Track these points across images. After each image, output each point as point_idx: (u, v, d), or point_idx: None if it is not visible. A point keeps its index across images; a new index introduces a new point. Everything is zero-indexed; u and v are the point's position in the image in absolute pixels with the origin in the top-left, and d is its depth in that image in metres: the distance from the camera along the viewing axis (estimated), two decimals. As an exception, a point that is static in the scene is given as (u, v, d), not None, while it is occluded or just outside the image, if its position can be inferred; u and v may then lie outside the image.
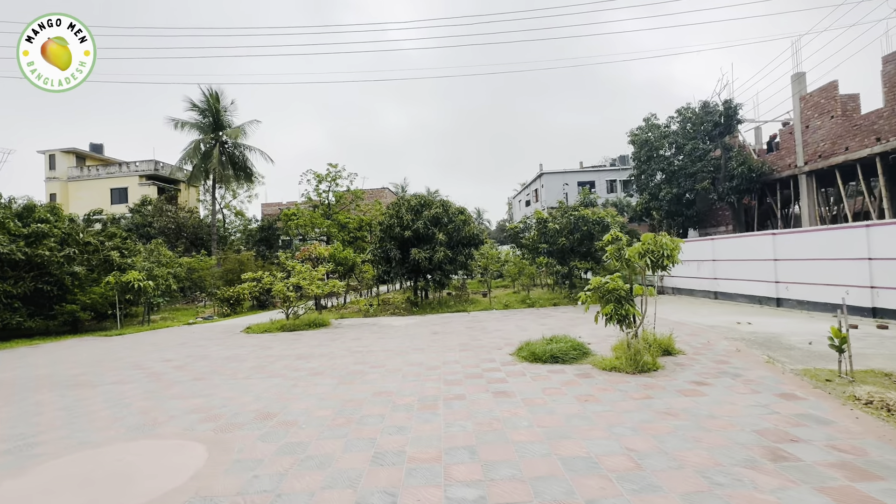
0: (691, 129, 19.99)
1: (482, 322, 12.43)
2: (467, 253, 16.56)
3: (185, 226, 30.55)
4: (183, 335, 12.64)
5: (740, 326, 9.69)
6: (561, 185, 38.77)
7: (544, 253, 16.44)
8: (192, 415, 5.27)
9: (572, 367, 6.73)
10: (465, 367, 7.12)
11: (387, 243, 16.07)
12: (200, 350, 9.90)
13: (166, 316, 17.75)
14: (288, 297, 12.34)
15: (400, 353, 8.55)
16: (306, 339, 10.93)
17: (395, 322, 13.50)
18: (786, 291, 12.32)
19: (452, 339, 9.86)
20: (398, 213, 15.94)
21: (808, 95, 15.52)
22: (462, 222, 16.24)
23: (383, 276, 16.72)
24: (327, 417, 4.95)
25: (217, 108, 28.18)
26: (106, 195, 35.50)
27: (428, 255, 15.24)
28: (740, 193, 16.82)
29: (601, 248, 15.24)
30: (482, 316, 13.84)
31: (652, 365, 6.28)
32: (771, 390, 5.17)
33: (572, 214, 15.84)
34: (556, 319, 12.20)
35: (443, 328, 11.64)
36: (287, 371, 7.40)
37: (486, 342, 9.21)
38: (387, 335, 10.92)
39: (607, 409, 4.78)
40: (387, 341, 10.00)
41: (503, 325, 11.51)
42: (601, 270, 15.51)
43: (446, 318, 13.90)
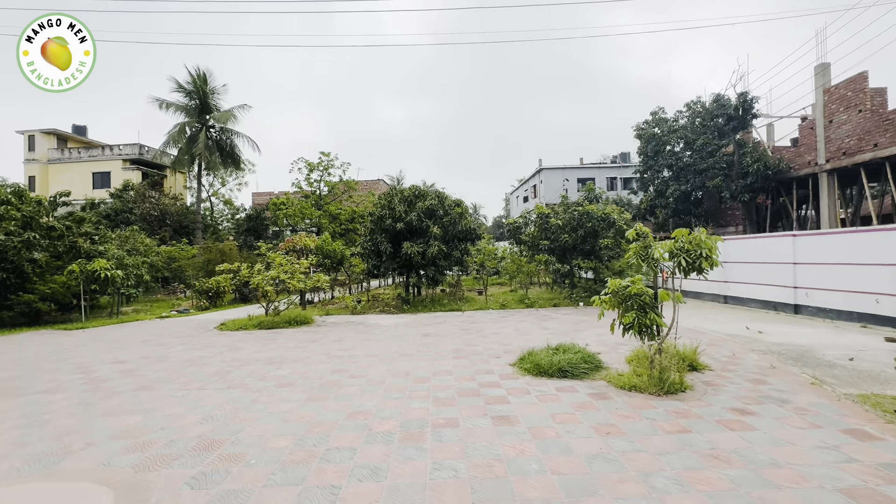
0: (700, 125, 19.05)
1: (478, 323, 11.44)
2: (463, 248, 15.55)
3: (170, 213, 29.25)
4: (149, 331, 11.54)
5: (763, 336, 8.77)
6: (560, 181, 37.81)
7: (545, 250, 15.47)
8: (118, 441, 4.23)
9: (584, 385, 5.75)
10: (459, 379, 6.12)
11: (377, 236, 15.01)
12: (161, 350, 8.82)
13: (140, 308, 16.60)
14: (266, 291, 11.28)
15: (385, 359, 7.54)
16: (283, 339, 9.88)
17: (383, 321, 12.49)
18: (805, 298, 11.43)
19: (445, 342, 8.86)
20: (390, 204, 14.88)
21: (834, 88, 14.55)
22: (458, 215, 15.22)
23: (373, 271, 15.67)
24: (284, 450, 3.93)
25: (204, 90, 26.84)
26: (88, 179, 34.03)
27: (421, 249, 14.21)
28: (754, 192, 15.91)
29: (606, 247, 14.31)
30: (478, 316, 12.86)
31: (679, 385, 5.32)
32: (833, 424, 4.22)
33: (576, 210, 14.86)
34: (557, 322, 11.24)
35: (435, 329, 10.64)
36: (251, 380, 6.36)
37: (483, 348, 8.22)
38: (373, 336, 9.90)
39: (637, 447, 3.80)
40: (372, 344, 8.98)
41: (501, 328, 10.53)
42: (604, 270, 14.58)
43: (439, 317, 12.90)
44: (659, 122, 19.85)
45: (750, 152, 15.91)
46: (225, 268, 11.72)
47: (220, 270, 12.19)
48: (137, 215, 25.75)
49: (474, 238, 15.84)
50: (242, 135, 28.34)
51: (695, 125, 19.23)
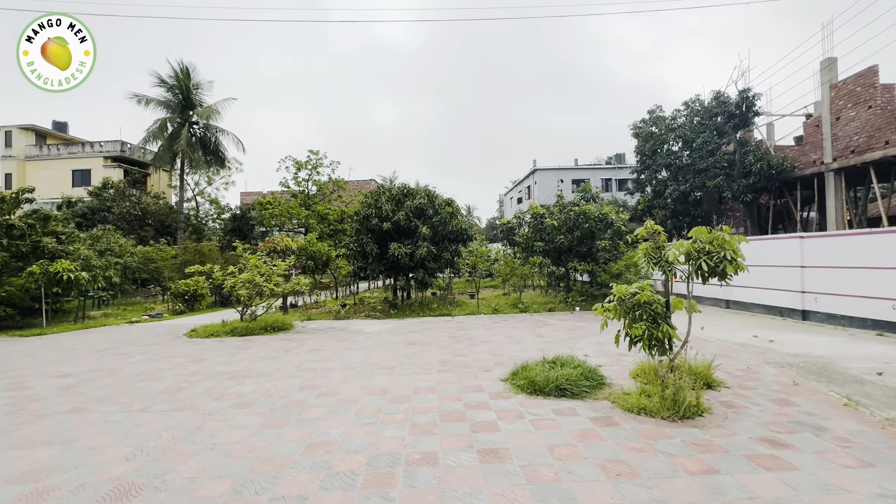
0: (699, 123, 18.50)
1: (468, 329, 10.69)
2: (454, 249, 14.81)
3: (151, 212, 28.21)
4: (112, 338, 10.65)
5: (776, 346, 8.11)
6: (554, 182, 37.26)
7: (539, 252, 14.77)
8: (13, 486, 3.41)
9: (586, 406, 5.02)
10: (443, 399, 5.36)
11: (363, 236, 14.22)
12: (116, 361, 7.96)
13: (112, 312, 15.64)
14: (240, 295, 10.45)
15: (363, 372, 6.76)
16: (255, 347, 9.06)
17: (368, 327, 11.70)
18: (814, 303, 10.82)
19: (431, 353, 8.10)
20: (377, 203, 14.11)
21: (841, 83, 13.97)
22: (449, 215, 14.47)
23: (359, 273, 14.88)
24: (215, 501, 3.14)
25: (187, 85, 25.88)
26: (67, 177, 32.84)
27: (409, 250, 13.44)
28: (757, 192, 15.31)
29: (603, 248, 13.64)
30: (469, 322, 12.10)
31: (696, 408, 4.60)
32: (887, 461, 3.52)
33: (572, 210, 14.18)
34: (552, 329, 10.52)
35: (422, 337, 9.87)
36: (205, 399, 5.55)
37: (472, 359, 7.47)
38: (353, 345, 9.11)
39: (656, 497, 3.06)
40: (351, 354, 8.19)
41: (493, 335, 9.79)
42: (602, 273, 13.91)
43: (427, 323, 12.13)
44: (656, 120, 19.27)
45: (753, 151, 15.33)
46: (195, 269, 10.86)
47: (190, 272, 11.32)
48: (116, 214, 24.70)
49: (466, 239, 15.11)
50: (227, 132, 27.43)
51: (693, 124, 18.69)
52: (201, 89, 27.19)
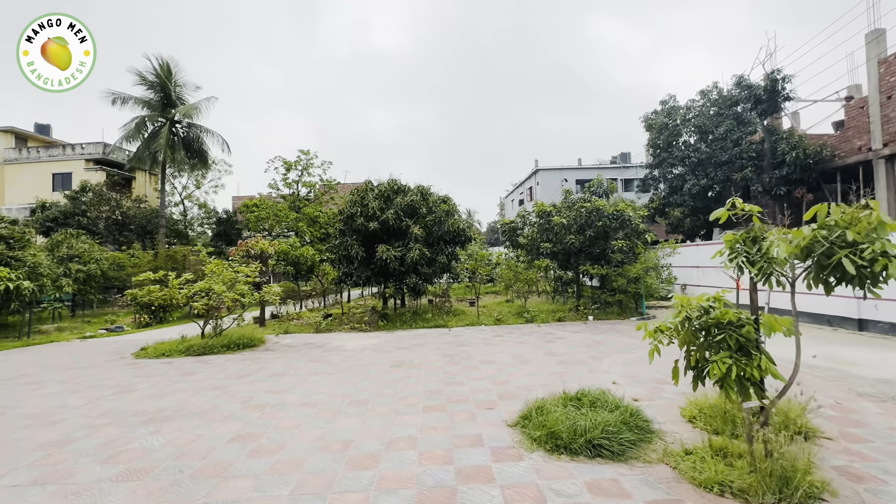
0: (716, 114, 16.93)
1: (466, 346, 9.07)
2: (450, 252, 13.21)
3: (132, 216, 26.68)
4: (44, 359, 9.03)
5: (850, 368, 6.51)
6: (557, 182, 35.70)
7: (546, 254, 13.15)
8: None
9: (635, 476, 3.39)
10: (427, 460, 3.75)
11: (347, 237, 12.63)
12: (19, 393, 6.34)
13: (69, 326, 14.02)
14: (197, 307, 8.85)
15: (325, 412, 5.15)
16: (205, 372, 7.43)
17: (350, 342, 10.08)
18: (873, 311, 9.20)
19: (419, 378, 6.48)
20: (363, 201, 12.53)
21: (893, 58, 12.33)
22: (444, 213, 12.89)
23: (344, 279, 13.26)
24: None
25: (169, 81, 24.41)
26: (48, 181, 31.37)
27: (399, 253, 11.85)
28: (791, 184, 13.70)
29: (619, 249, 12.03)
30: (467, 335, 10.48)
31: (820, 488, 2.96)
32: None
33: (583, 207, 12.58)
34: (566, 344, 8.89)
35: (411, 355, 8.25)
36: (91, 461, 3.94)
37: (470, 388, 5.85)
38: (327, 367, 7.49)
39: None
40: (320, 381, 6.57)
41: (496, 353, 8.16)
42: (618, 277, 12.27)
43: (420, 336, 10.51)
44: (671, 111, 17.70)
45: (785, 138, 13.70)
46: (145, 277, 9.27)
47: (138, 281, 9.73)
48: (91, 218, 23.14)
49: (464, 240, 13.51)
50: (212, 131, 25.87)
51: (709, 115, 17.12)
52: (185, 88, 25.71)
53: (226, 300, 8.87)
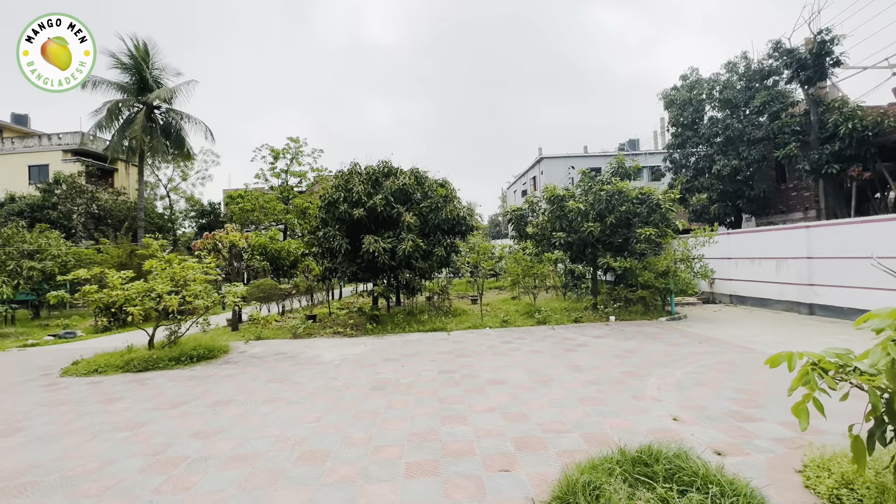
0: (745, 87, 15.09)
1: (468, 356, 7.41)
2: (449, 243, 11.52)
3: (110, 210, 25.02)
4: (-45, 377, 7.39)
5: None
6: (562, 171, 33.95)
7: (560, 245, 11.44)
8: None
9: None
10: None
11: (330, 227, 10.93)
12: None
13: (16, 332, 12.35)
14: (131, 313, 7.18)
15: (261, 476, 3.49)
16: (132, 399, 5.78)
17: (329, 351, 8.43)
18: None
19: (406, 412, 4.82)
20: (347, 185, 10.81)
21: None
22: (442, 199, 11.17)
23: (327, 275, 11.60)
24: None
25: (145, 64, 22.61)
26: (24, 173, 29.68)
27: (389, 245, 10.16)
28: (844, 161, 11.90)
29: (646, 238, 10.32)
30: (470, 341, 8.82)
31: None
32: None
33: (603, 190, 10.85)
34: (591, 353, 7.22)
35: (399, 371, 6.60)
36: None
37: (475, 432, 4.18)
38: (287, 392, 5.83)
39: None
40: (272, 414, 4.92)
41: (506, 369, 6.50)
42: (644, 272, 10.57)
43: (413, 343, 8.86)
44: (694, 84, 15.87)
45: (838, 108, 11.88)
46: (79, 275, 7.62)
47: (68, 280, 8.04)
48: (63, 212, 21.48)
49: (465, 230, 11.82)
50: (194, 118, 24.09)
51: (735, 89, 15.30)
52: (165, 72, 23.91)
53: (170, 303, 7.19)
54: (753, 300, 12.21)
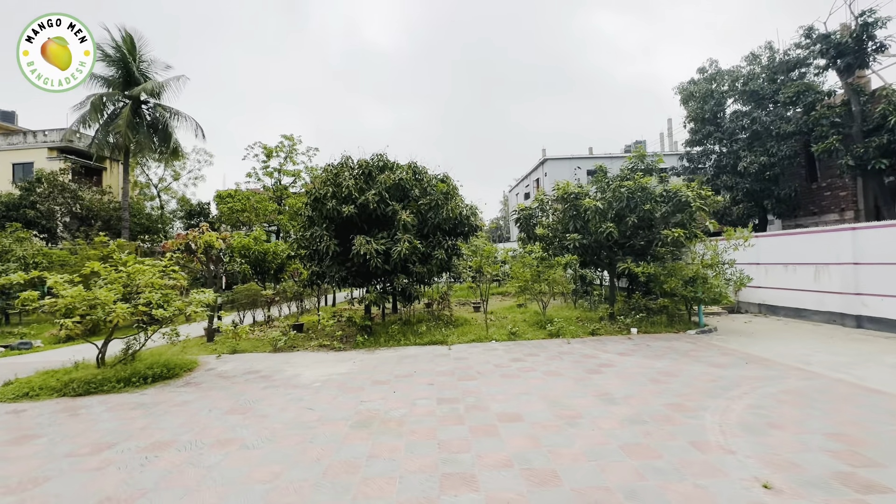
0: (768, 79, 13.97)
1: (474, 379, 6.22)
2: (450, 246, 10.34)
3: (98, 210, 23.88)
4: None
5: None
6: (567, 173, 32.83)
7: (574, 248, 10.25)
8: None
9: None
10: None
11: (317, 227, 9.77)
12: None
13: (-27, 339, 11.16)
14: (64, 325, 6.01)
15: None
16: (49, 437, 4.58)
17: (309, 370, 7.23)
18: None
19: (394, 466, 3.63)
20: (336, 179, 9.65)
21: None
22: (443, 196, 10.01)
23: (315, 280, 10.42)
24: None
25: (131, 56, 21.52)
26: (7, 171, 28.54)
27: (383, 247, 8.99)
28: (892, 156, 10.73)
29: (674, 241, 9.14)
30: (474, 358, 7.62)
31: None
32: None
33: (622, 187, 9.69)
34: (620, 376, 6.02)
35: (388, 402, 5.40)
36: None
37: (486, 501, 2.98)
38: (246, 430, 4.63)
39: None
40: (217, 466, 3.74)
41: (520, 398, 5.30)
42: (668, 278, 9.38)
43: (409, 360, 7.66)
44: (714, 76, 14.74)
45: (887, 96, 10.70)
46: (11, 280, 6.43)
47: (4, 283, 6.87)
48: (42, 211, 20.33)
49: (467, 231, 10.66)
50: (183, 114, 22.97)
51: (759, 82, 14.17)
52: (153, 66, 22.79)
53: (117, 314, 6.00)
54: (786, 310, 11.02)
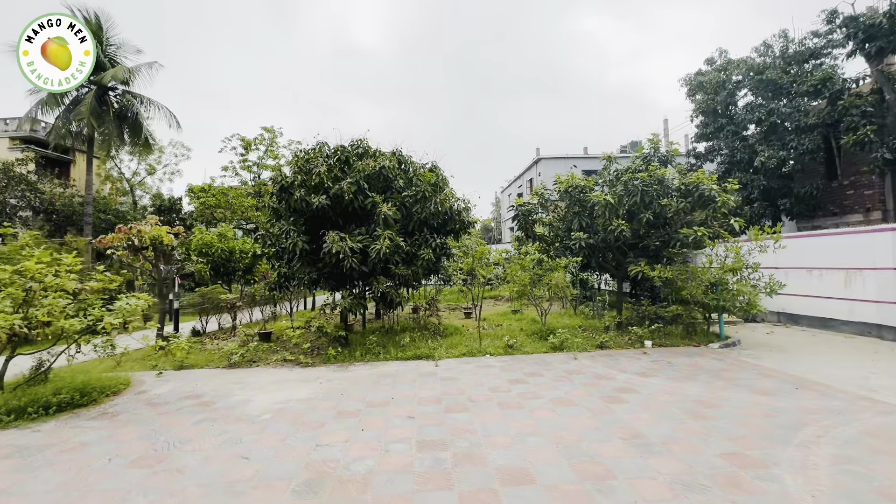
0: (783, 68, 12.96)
1: (465, 408, 4.94)
2: (439, 244, 9.04)
3: (60, 204, 22.15)
4: None
5: None
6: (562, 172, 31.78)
7: (580, 249, 9.02)
8: None
9: None
10: None
11: (283, 221, 8.42)
12: None
13: None
14: None
15: None
16: None
17: (264, 394, 5.88)
18: None
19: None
20: (307, 166, 8.30)
21: None
22: (431, 187, 8.73)
23: (283, 283, 9.06)
24: None
25: (97, 39, 19.88)
26: (-34, 163, 26.59)
27: (359, 244, 7.67)
28: (935, 148, 9.82)
29: (694, 241, 7.98)
30: (465, 378, 6.34)
31: None
32: None
33: (637, 178, 8.51)
34: (647, 407, 4.78)
35: (352, 448, 4.09)
36: None
37: None
38: (145, 500, 3.28)
39: None
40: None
41: (526, 442, 4.04)
42: (687, 282, 8.21)
43: (387, 379, 6.35)
44: (726, 65, 13.69)
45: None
46: None
47: None
48: (-6, 204, 18.61)
49: (458, 228, 9.40)
50: (156, 103, 21.36)
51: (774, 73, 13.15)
52: (122, 50, 21.19)
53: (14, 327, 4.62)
54: (809, 319, 9.96)
